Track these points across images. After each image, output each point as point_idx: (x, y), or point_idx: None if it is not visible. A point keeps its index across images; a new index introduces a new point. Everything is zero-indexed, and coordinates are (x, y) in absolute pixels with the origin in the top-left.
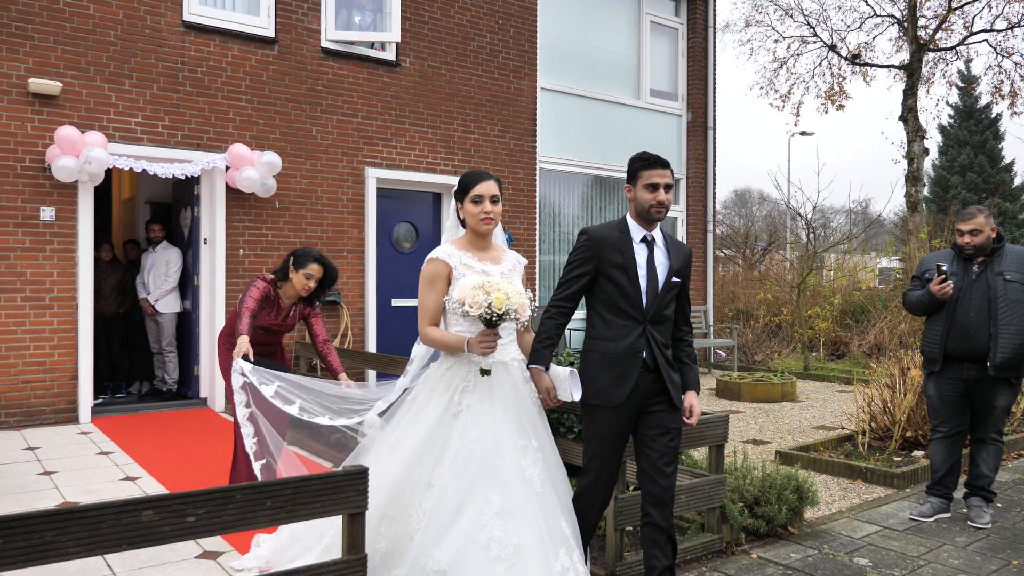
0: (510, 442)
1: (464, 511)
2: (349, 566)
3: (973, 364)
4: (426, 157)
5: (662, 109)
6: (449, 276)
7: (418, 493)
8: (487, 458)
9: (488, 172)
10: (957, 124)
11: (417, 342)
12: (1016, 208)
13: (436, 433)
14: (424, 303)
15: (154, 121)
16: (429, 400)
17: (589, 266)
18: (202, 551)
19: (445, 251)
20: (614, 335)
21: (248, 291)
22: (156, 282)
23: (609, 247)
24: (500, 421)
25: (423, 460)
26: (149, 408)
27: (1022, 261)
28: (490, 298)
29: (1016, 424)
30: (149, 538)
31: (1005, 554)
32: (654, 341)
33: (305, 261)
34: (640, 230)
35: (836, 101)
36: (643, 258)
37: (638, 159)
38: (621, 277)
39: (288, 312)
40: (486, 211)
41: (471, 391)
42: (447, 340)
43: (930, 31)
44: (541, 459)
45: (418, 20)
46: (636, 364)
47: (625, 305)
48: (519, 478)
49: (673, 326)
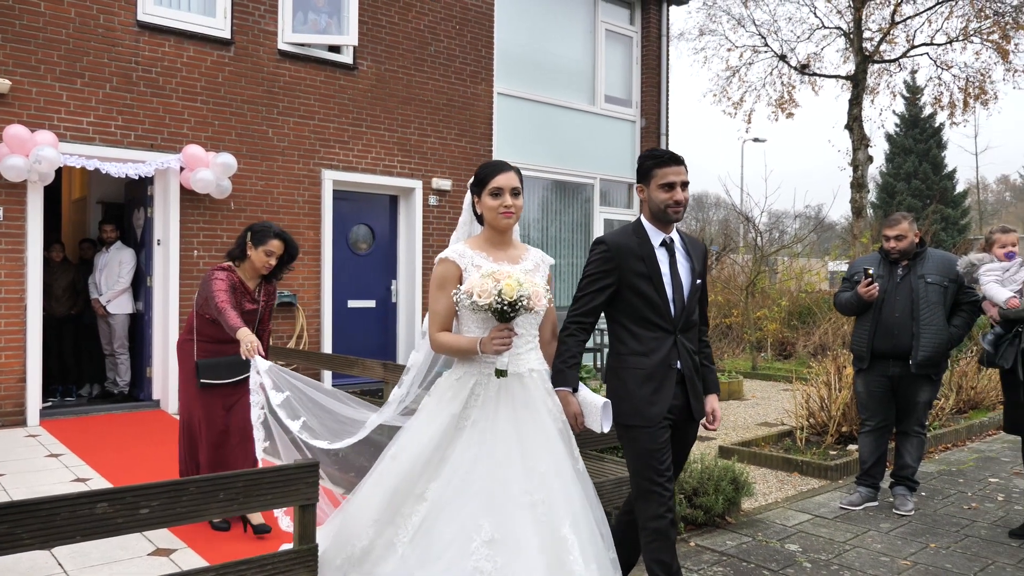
0: (514, 464)
1: (452, 534)
2: (300, 555)
3: (897, 362)
4: (383, 160)
5: (617, 115)
6: (460, 279)
7: (409, 504)
8: (484, 480)
9: (507, 162)
10: (903, 133)
11: (415, 350)
12: (958, 214)
13: (438, 446)
14: (434, 308)
15: (107, 121)
16: (436, 411)
17: (610, 278)
18: (155, 548)
19: (456, 251)
20: (646, 348)
21: (211, 287)
22: (108, 283)
23: (630, 256)
24: (505, 440)
25: (420, 472)
26: (100, 410)
27: (943, 264)
28: (499, 285)
29: (945, 419)
30: (103, 530)
31: (924, 538)
32: (685, 350)
33: (264, 237)
34: (658, 233)
35: (786, 109)
36: (666, 264)
37: (649, 157)
38: (646, 287)
39: (255, 297)
40: (506, 205)
41: (479, 405)
42: (459, 344)
43: (875, 43)
44: (552, 483)
45: (375, 24)
46: (671, 377)
47: (653, 316)
48: (518, 504)
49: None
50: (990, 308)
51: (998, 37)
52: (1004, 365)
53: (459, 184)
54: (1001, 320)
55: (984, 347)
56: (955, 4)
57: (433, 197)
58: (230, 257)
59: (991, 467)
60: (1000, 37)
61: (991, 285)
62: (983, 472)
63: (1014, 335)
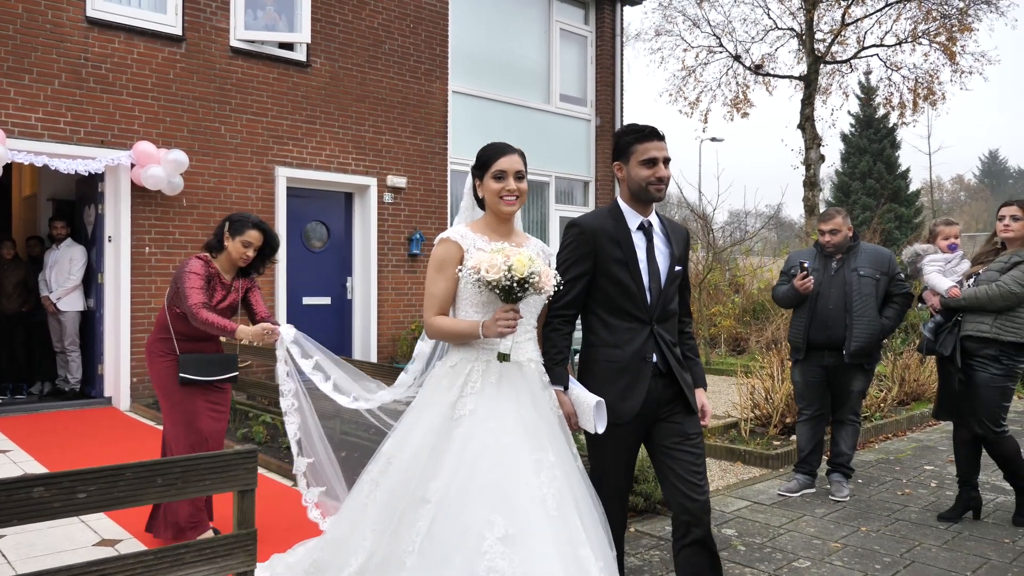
0: (521, 455)
1: (462, 534)
2: (239, 539)
3: (832, 352)
4: (337, 157)
5: (571, 114)
6: (461, 261)
7: (411, 509)
8: (492, 473)
9: (510, 144)
10: (858, 133)
11: (421, 338)
12: (911, 213)
13: (435, 441)
14: (431, 290)
15: (56, 117)
16: (429, 402)
17: (586, 264)
18: (100, 539)
19: (458, 232)
20: (618, 340)
21: (185, 282)
22: (59, 280)
23: (605, 239)
24: (510, 430)
25: (418, 472)
26: (51, 408)
27: (874, 258)
28: (510, 260)
29: (886, 410)
30: (41, 514)
31: (856, 522)
32: (663, 342)
33: (243, 227)
34: (636, 216)
35: (741, 109)
36: (643, 250)
37: (629, 131)
38: (622, 273)
39: (230, 287)
40: (509, 189)
41: (477, 393)
42: (458, 328)
43: (826, 44)
44: (560, 476)
45: (329, 22)
46: (646, 371)
47: (628, 305)
48: (530, 498)
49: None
50: (931, 297)
51: (944, 39)
52: (943, 352)
53: (414, 181)
54: (942, 309)
55: (924, 335)
56: (903, 7)
57: (388, 194)
58: (207, 248)
59: (927, 455)
60: (947, 39)
61: (934, 275)
62: (919, 460)
63: (953, 323)
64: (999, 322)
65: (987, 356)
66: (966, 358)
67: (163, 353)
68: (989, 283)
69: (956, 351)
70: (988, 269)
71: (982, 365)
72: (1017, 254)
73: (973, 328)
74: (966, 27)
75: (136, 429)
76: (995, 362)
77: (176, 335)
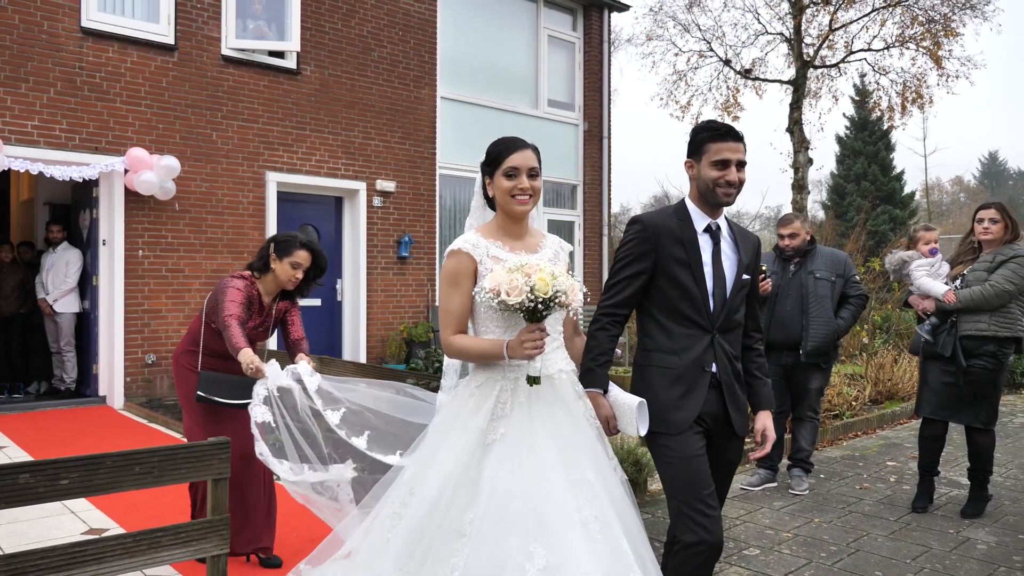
0: (557, 477)
1: (500, 568)
2: (213, 524)
3: (790, 352)
4: (327, 162)
5: (559, 119)
6: (475, 273)
7: (445, 544)
8: (528, 500)
9: (523, 139)
10: (853, 135)
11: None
12: (906, 215)
13: (464, 470)
14: (446, 306)
15: (51, 124)
16: (453, 427)
17: (645, 262)
18: (88, 528)
19: (469, 241)
20: (676, 346)
21: (225, 296)
22: (55, 282)
23: (669, 238)
24: (543, 451)
25: (449, 502)
26: (47, 406)
27: (831, 261)
28: (532, 280)
29: (858, 408)
30: (26, 498)
31: (810, 514)
32: (724, 352)
33: (290, 248)
34: (703, 217)
35: (732, 112)
36: (708, 252)
37: (704, 128)
38: (684, 276)
39: (268, 311)
40: (521, 187)
41: (507, 415)
42: (480, 348)
43: (815, 49)
44: (601, 495)
45: (319, 30)
46: (704, 381)
47: (689, 310)
48: (570, 523)
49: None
50: (919, 301)
51: (930, 44)
52: (944, 353)
53: (403, 185)
54: (936, 312)
55: (923, 337)
56: (889, 12)
57: (377, 198)
58: (251, 268)
59: (892, 452)
60: (932, 44)
61: (925, 279)
62: (883, 457)
63: (951, 325)
64: (995, 319)
65: (986, 353)
66: (967, 356)
67: (190, 367)
68: (981, 284)
69: (957, 351)
70: (973, 270)
71: (982, 361)
72: (1000, 253)
73: (971, 327)
74: (951, 32)
75: (129, 427)
76: (992, 357)
77: (204, 349)
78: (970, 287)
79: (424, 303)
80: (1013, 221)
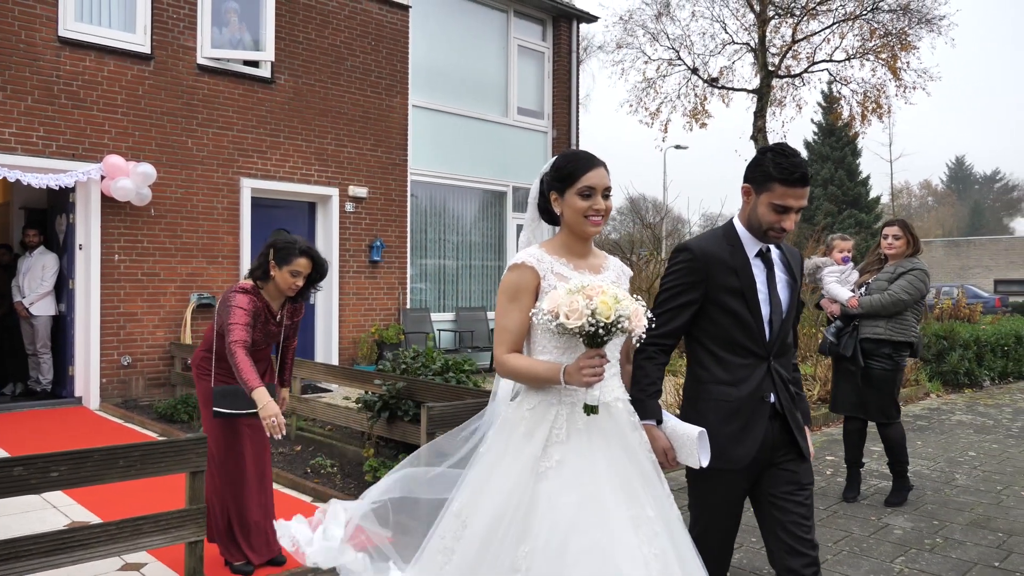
0: (619, 512)
1: None
2: (190, 513)
3: None
4: (300, 169)
5: (529, 126)
6: (538, 289)
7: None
8: (590, 534)
9: (596, 155)
10: (820, 140)
11: (497, 378)
12: (871, 219)
13: (518, 499)
14: (503, 322)
15: (28, 132)
16: (505, 452)
17: (695, 292)
18: (70, 521)
19: (534, 255)
20: (733, 377)
21: (230, 316)
22: (32, 286)
23: (720, 268)
24: (606, 483)
25: (502, 536)
26: (23, 407)
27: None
28: (593, 303)
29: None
30: (20, 488)
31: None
32: (780, 379)
33: (289, 256)
34: (755, 242)
35: (699, 120)
36: (763, 280)
37: (775, 164)
38: (738, 305)
39: (279, 318)
40: (597, 208)
41: (563, 441)
42: (535, 370)
43: (779, 59)
44: (661, 532)
45: (292, 40)
46: (763, 411)
47: (743, 339)
48: (631, 561)
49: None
50: (829, 305)
51: (888, 56)
52: (845, 353)
53: (375, 191)
54: (841, 316)
55: (828, 338)
56: (849, 25)
57: (350, 204)
58: (252, 277)
59: (832, 448)
60: (889, 56)
61: (834, 285)
62: (824, 452)
63: (852, 328)
64: (891, 325)
65: (882, 355)
66: (865, 357)
67: (206, 372)
68: (881, 292)
69: (857, 351)
70: (876, 279)
71: (879, 362)
72: (900, 265)
73: (870, 331)
74: (907, 46)
75: (105, 426)
76: (888, 359)
77: (217, 356)
78: (871, 295)
79: (395, 306)
80: (915, 237)
